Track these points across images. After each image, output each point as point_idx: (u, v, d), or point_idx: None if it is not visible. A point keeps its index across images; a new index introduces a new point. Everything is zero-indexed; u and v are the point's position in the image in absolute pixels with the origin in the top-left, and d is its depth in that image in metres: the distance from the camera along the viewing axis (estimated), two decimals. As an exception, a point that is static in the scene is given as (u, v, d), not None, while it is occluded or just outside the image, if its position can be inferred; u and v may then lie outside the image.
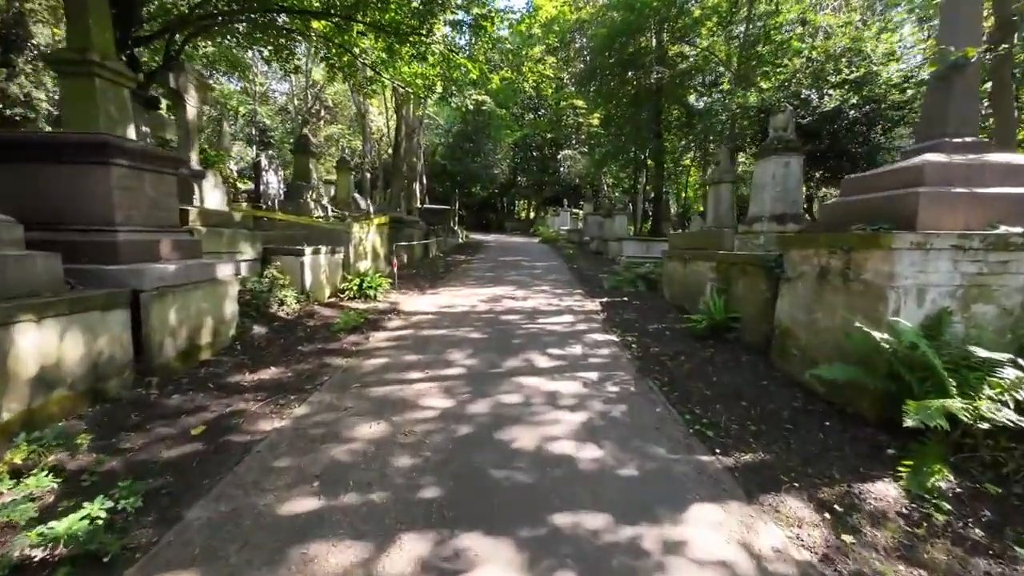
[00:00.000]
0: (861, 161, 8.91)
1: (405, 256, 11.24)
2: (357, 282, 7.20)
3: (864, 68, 8.88)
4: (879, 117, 8.66)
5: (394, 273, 8.31)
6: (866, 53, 9.13)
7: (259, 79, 39.25)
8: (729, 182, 9.88)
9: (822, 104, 8.89)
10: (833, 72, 9.26)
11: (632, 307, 7.16)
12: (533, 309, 7.08)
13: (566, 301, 7.74)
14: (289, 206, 8.88)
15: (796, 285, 4.03)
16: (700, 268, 6.28)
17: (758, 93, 10.31)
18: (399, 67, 12.46)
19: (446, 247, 16.68)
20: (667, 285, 7.65)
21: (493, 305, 7.31)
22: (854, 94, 8.67)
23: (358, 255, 8.10)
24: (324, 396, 3.64)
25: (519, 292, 8.57)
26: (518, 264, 13.12)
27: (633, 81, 17.74)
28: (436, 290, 8.73)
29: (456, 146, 22.95)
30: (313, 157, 16.08)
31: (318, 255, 6.69)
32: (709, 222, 10.29)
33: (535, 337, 5.48)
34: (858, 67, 8.99)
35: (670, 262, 7.50)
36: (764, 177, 8.71)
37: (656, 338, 5.42)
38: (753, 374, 4.21)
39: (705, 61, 15.62)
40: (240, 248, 5.78)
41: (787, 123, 8.47)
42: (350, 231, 7.71)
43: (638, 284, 8.87)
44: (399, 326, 5.93)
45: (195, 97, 6.73)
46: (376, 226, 8.98)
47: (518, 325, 6.06)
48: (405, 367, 4.36)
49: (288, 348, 4.79)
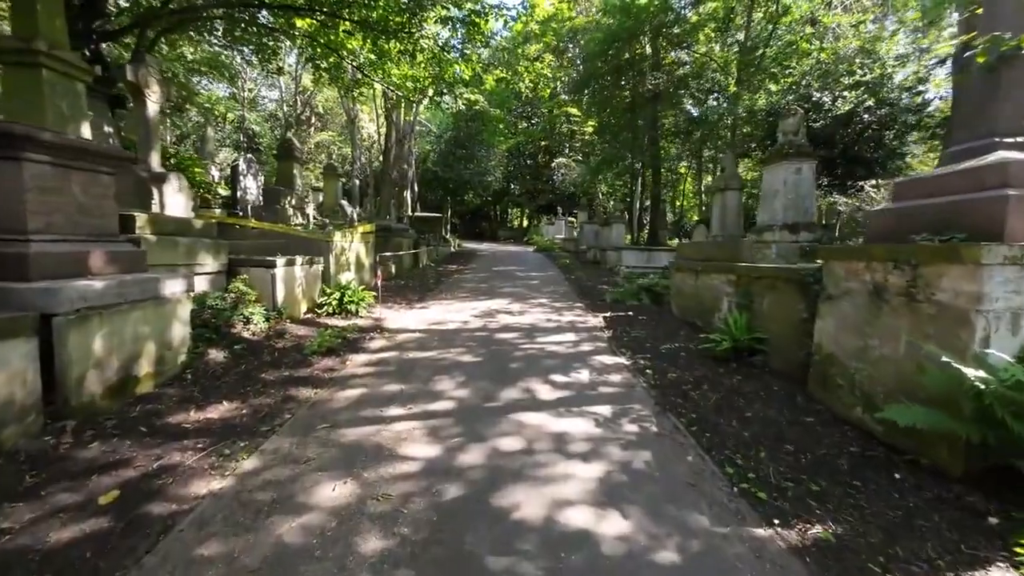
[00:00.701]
0: (876, 167, 8.50)
1: (393, 267, 10.59)
2: (337, 296, 6.55)
3: (879, 70, 8.51)
4: (893, 121, 8.27)
5: (378, 286, 7.65)
6: (878, 55, 8.77)
7: (248, 85, 38.67)
8: (736, 189, 9.42)
9: (835, 107, 8.48)
10: (846, 74, 8.89)
11: (639, 323, 6.58)
12: (531, 326, 6.46)
13: (566, 316, 7.14)
14: (265, 213, 8.21)
15: (841, 304, 3.46)
16: (715, 281, 5.72)
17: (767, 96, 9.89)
18: (388, 69, 11.93)
19: (438, 256, 16.06)
20: (675, 299, 7.09)
21: (487, 321, 6.69)
22: (870, 96, 8.28)
23: (340, 266, 7.45)
24: (282, 442, 2.98)
25: (515, 306, 7.96)
26: (513, 275, 12.53)
27: (628, 87, 17.40)
28: (425, 304, 8.09)
29: (448, 153, 22.41)
30: (298, 163, 15.42)
31: (292, 267, 6.03)
32: (715, 231, 9.80)
33: (535, 360, 4.86)
34: (872, 68, 8.61)
35: (678, 274, 6.95)
36: (774, 184, 8.24)
37: (671, 361, 4.82)
38: (790, 408, 3.63)
39: (703, 67, 15.31)
40: (200, 260, 5.11)
41: (798, 127, 8.02)
42: (330, 240, 7.06)
43: (642, 297, 8.31)
44: (382, 347, 5.27)
45: (157, 93, 6.09)
46: (360, 235, 8.35)
47: (515, 345, 5.43)
48: (384, 400, 3.71)
49: (249, 376, 4.12)
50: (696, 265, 6.31)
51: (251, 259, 5.75)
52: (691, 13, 15.45)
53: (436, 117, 31.08)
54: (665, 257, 12.76)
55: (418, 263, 13.09)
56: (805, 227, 7.80)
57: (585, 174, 23.25)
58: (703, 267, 6.07)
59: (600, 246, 15.09)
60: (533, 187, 33.05)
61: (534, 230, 32.25)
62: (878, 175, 8.36)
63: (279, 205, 8.37)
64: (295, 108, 38.59)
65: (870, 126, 8.24)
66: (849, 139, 8.25)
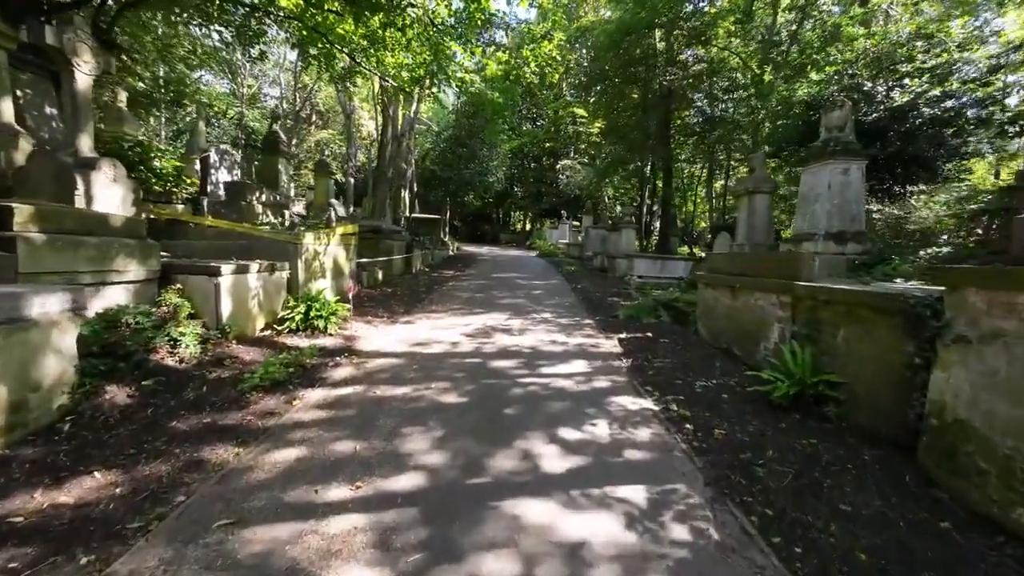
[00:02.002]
0: (933, 170, 7.42)
1: (380, 272, 9.55)
2: (302, 310, 5.49)
3: (946, 55, 7.41)
4: (957, 116, 7.20)
5: (350, 297, 6.59)
6: (940, 39, 7.67)
7: (248, 81, 37.95)
8: (766, 192, 8.37)
9: (890, 99, 7.40)
10: (904, 59, 7.78)
11: (661, 348, 5.50)
12: (533, 350, 5.39)
13: (575, 337, 6.07)
14: (225, 210, 7.18)
15: (984, 353, 2.39)
16: (760, 302, 4.65)
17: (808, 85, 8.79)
18: (381, 56, 10.95)
19: (433, 261, 15.03)
20: (704, 319, 6.02)
21: (481, 343, 5.62)
22: (934, 86, 7.19)
23: (311, 273, 6.40)
24: (146, 558, 1.92)
25: (515, 322, 6.89)
26: (513, 283, 11.47)
27: (639, 85, 16.40)
28: (412, 317, 7.03)
29: (448, 151, 21.34)
30: (284, 157, 14.46)
31: (245, 274, 4.99)
32: (740, 239, 8.74)
33: (537, 402, 3.79)
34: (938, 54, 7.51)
35: (708, 290, 5.88)
36: (816, 187, 7.18)
37: (713, 407, 3.74)
38: (901, 495, 2.55)
39: (721, 63, 14.29)
40: (118, 265, 4.07)
41: (845, 121, 6.96)
42: (299, 243, 6.02)
43: (660, 314, 7.23)
44: (345, 379, 4.21)
45: (89, 63, 5.08)
46: (340, 237, 7.31)
47: (513, 378, 4.36)
48: (327, 471, 2.65)
49: (153, 426, 3.06)
50: (732, 280, 5.24)
51: (191, 265, 4.71)
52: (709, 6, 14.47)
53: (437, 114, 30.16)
54: (681, 266, 11.69)
55: (411, 268, 12.06)
56: (854, 237, 6.74)
57: (591, 176, 22.22)
58: (742, 283, 5.00)
59: (608, 253, 14.03)
60: (537, 189, 32.04)
61: (537, 234, 31.22)
62: (934, 179, 7.27)
63: (245, 201, 7.34)
64: (295, 105, 37.83)
65: (931, 121, 7.13)
66: (905, 136, 7.16)
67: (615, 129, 18.97)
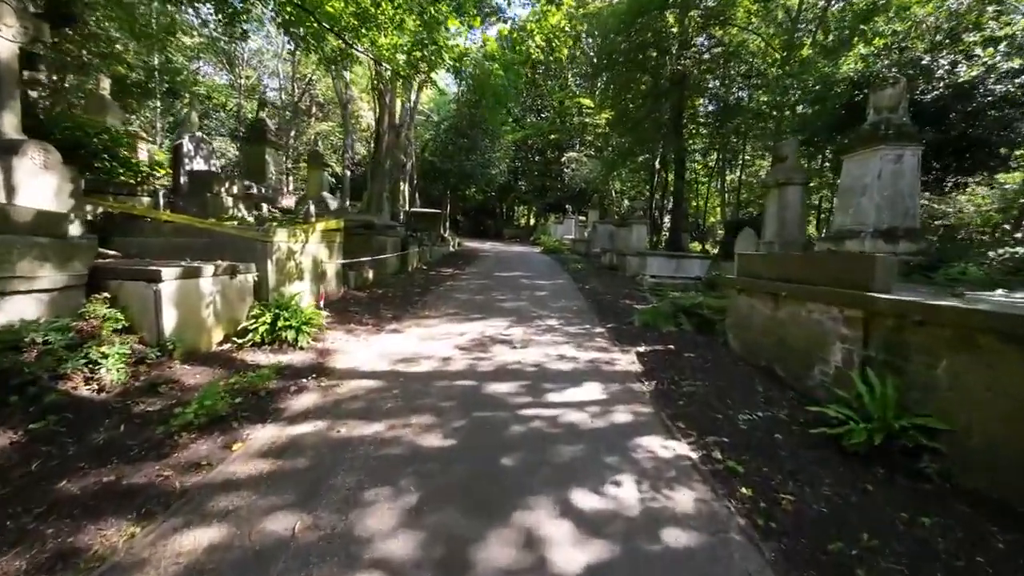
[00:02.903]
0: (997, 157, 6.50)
1: (371, 273, 8.77)
2: (268, 319, 4.72)
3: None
4: (1030, 95, 6.27)
5: (322, 305, 5.82)
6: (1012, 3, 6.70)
7: (246, 72, 37.21)
8: (799, 183, 7.49)
9: (954, 74, 6.45)
10: (972, 27, 6.80)
11: (688, 366, 4.68)
12: (537, 368, 4.60)
13: (586, 351, 5.26)
14: (186, 203, 6.39)
15: None
16: (815, 315, 3.82)
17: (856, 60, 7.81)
18: (373, 36, 10.12)
19: (432, 257, 14.24)
20: (736, 330, 5.20)
21: (477, 358, 4.83)
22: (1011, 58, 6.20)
23: (286, 275, 5.63)
24: None
25: (516, 330, 6.09)
26: (516, 283, 10.65)
27: (651, 70, 15.44)
28: (401, 324, 6.24)
29: (448, 142, 20.41)
30: (272, 147, 13.68)
31: (196, 278, 4.22)
32: (769, 236, 7.88)
33: (543, 447, 3.00)
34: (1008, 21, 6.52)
35: (742, 297, 5.05)
36: (862, 177, 6.29)
37: (769, 457, 2.93)
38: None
39: (741, 46, 13.30)
40: (23, 270, 3.30)
41: (898, 101, 6.05)
42: (269, 240, 5.24)
43: (681, 321, 6.41)
44: (307, 411, 3.43)
45: (12, 27, 4.29)
46: (321, 233, 6.52)
47: (513, 409, 3.57)
48: (248, 569, 1.87)
49: (31, 488, 2.30)
50: (774, 287, 4.41)
51: (127, 268, 3.93)
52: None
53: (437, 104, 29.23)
54: (698, 265, 10.82)
55: (406, 266, 11.28)
56: (906, 234, 5.87)
57: (599, 168, 21.30)
58: (790, 291, 4.17)
59: (618, 250, 13.17)
60: (541, 183, 31.12)
61: (541, 229, 30.34)
62: (996, 168, 6.36)
63: (211, 193, 6.55)
64: (293, 96, 36.99)
65: (1002, 100, 6.14)
66: (969, 117, 6.22)
67: (624, 119, 18.00)
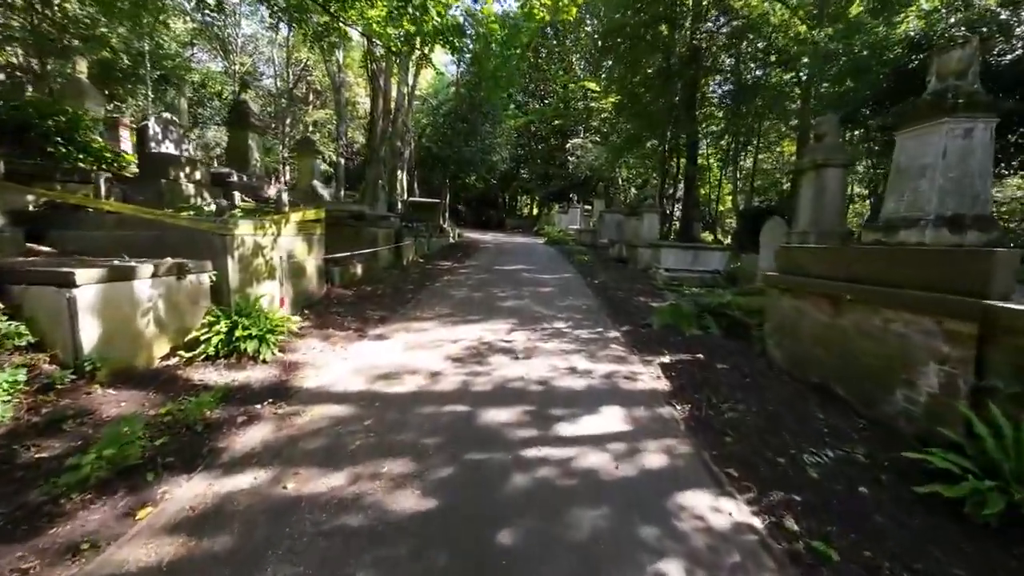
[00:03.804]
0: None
1: (359, 268, 8.00)
2: (224, 327, 3.96)
3: None
4: None
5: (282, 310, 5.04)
6: None
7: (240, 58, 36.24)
8: (839, 165, 6.62)
9: None
10: None
11: (724, 382, 3.91)
12: (544, 386, 3.83)
13: (601, 362, 4.48)
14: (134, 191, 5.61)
15: None
16: (895, 326, 3.03)
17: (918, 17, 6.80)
18: (362, 7, 9.25)
19: (430, 250, 13.45)
20: (778, 337, 4.41)
21: (471, 373, 4.06)
22: None
23: (252, 273, 4.86)
24: None
25: (519, 335, 5.32)
26: (519, 277, 9.86)
27: (662, 47, 14.44)
28: (388, 328, 5.48)
29: (447, 126, 19.41)
30: (255, 132, 12.85)
31: (129, 280, 3.46)
32: (803, 225, 7.02)
33: (554, 510, 2.24)
34: None
35: (786, 299, 4.25)
36: (921, 156, 5.40)
37: (861, 526, 2.15)
38: None
39: (762, 18, 12.27)
40: None
41: (969, 64, 5.13)
42: (229, 233, 4.46)
43: (707, 323, 5.63)
44: (251, 453, 2.68)
45: None
46: (297, 225, 5.74)
47: (514, 450, 2.81)
48: None
49: None
50: (833, 287, 3.61)
51: (31, 270, 3.17)
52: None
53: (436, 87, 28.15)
54: (716, 258, 9.98)
55: (401, 259, 10.50)
56: (975, 223, 5.02)
57: (605, 154, 20.33)
58: (858, 294, 3.37)
59: (627, 241, 12.32)
60: (544, 171, 30.09)
61: (545, 219, 29.43)
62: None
63: (167, 179, 5.75)
64: (288, 83, 35.97)
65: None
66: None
67: (632, 102, 17.00)
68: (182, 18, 29.82)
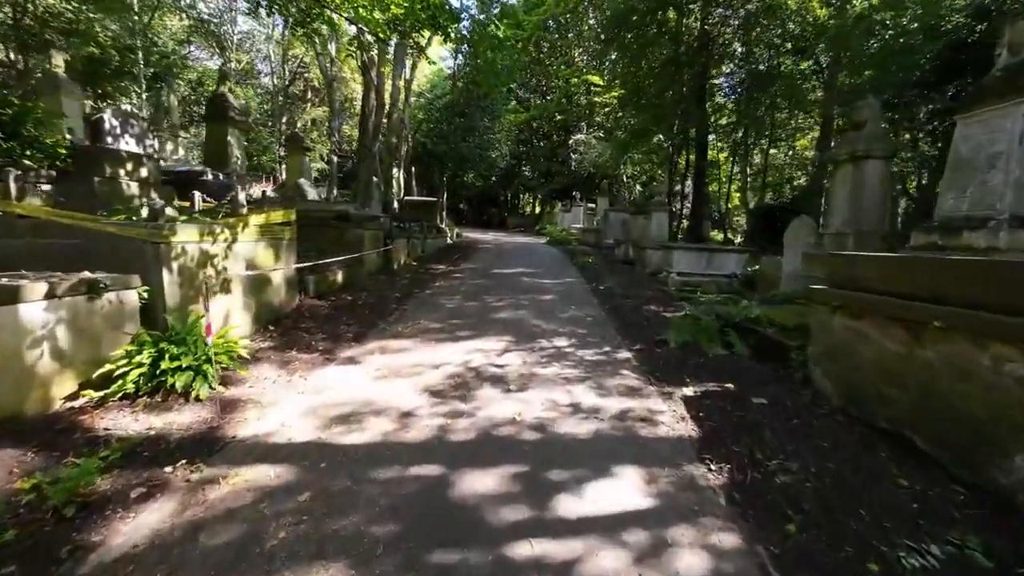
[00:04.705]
0: None
1: (340, 275, 7.26)
2: (146, 358, 3.22)
3: None
4: None
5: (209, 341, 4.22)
6: None
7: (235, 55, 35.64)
8: (881, 157, 5.79)
9: None
10: None
11: (767, 425, 3.13)
12: (540, 432, 3.06)
13: (611, 395, 3.71)
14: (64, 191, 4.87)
15: None
16: (1012, 367, 2.24)
17: None
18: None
19: (425, 251, 12.71)
20: (827, 364, 3.63)
21: (452, 414, 3.30)
22: None
23: (196, 288, 4.11)
24: None
25: (513, 358, 4.55)
26: (517, 283, 9.09)
27: (670, 34, 13.62)
28: (361, 348, 4.73)
29: (443, 121, 18.60)
30: (236, 128, 12.14)
31: (11, 305, 2.72)
32: (836, 225, 6.21)
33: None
34: None
35: (839, 318, 3.46)
36: (989, 144, 4.55)
37: None
38: None
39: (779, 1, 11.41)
40: None
41: (1050, 33, 4.36)
42: (164, 241, 3.72)
43: (732, 340, 4.84)
44: (129, 556, 1.92)
45: None
46: (259, 228, 4.99)
47: (497, 545, 2.04)
48: None
49: None
50: (914, 311, 2.82)
51: None
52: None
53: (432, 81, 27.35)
54: (733, 260, 9.17)
55: (391, 263, 9.75)
56: (1060, 223, 4.21)
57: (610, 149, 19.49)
58: (952, 319, 2.58)
59: (635, 241, 11.53)
60: (546, 168, 29.26)
61: (547, 218, 28.63)
62: None
63: (100, 177, 5.01)
64: (284, 80, 35.30)
65: None
66: None
67: (638, 94, 16.16)
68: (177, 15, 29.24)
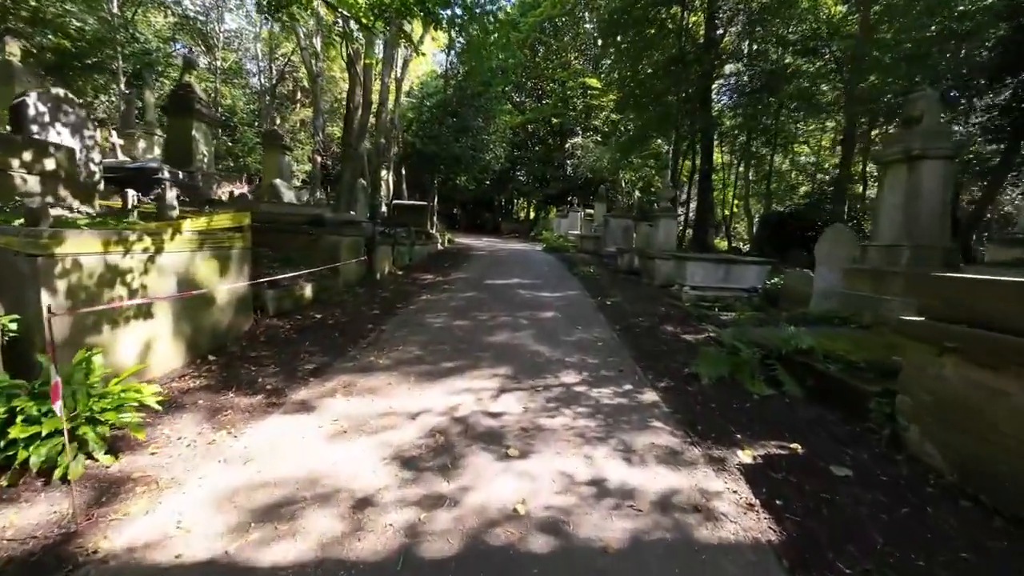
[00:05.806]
0: None
1: (308, 289, 6.29)
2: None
3: None
4: None
5: (56, 407, 3.11)
6: None
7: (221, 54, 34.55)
8: (942, 157, 4.97)
9: None
10: None
11: (867, 516, 2.24)
12: (553, 538, 2.13)
13: (643, 466, 2.79)
14: None
15: None
16: None
17: None
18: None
19: (413, 259, 11.75)
20: (931, 422, 2.75)
21: (426, 502, 2.35)
22: None
23: (101, 315, 3.14)
24: None
25: (512, 404, 3.61)
26: (514, 297, 8.16)
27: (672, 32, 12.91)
28: (317, 389, 3.76)
29: (434, 120, 17.71)
30: (201, 121, 11.15)
31: None
32: (886, 236, 5.35)
33: None
34: None
35: (952, 365, 2.58)
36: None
37: None
38: None
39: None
40: None
41: None
42: (43, 253, 2.76)
43: (780, 377, 3.95)
44: None
45: None
46: (199, 235, 4.03)
47: None
48: None
49: None
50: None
51: None
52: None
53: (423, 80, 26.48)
54: (753, 273, 8.32)
55: (374, 273, 8.79)
56: None
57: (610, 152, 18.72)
58: None
59: (640, 250, 10.68)
60: (542, 173, 28.48)
61: (543, 223, 27.77)
62: None
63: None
64: (271, 79, 34.30)
65: None
66: None
67: (639, 96, 15.42)
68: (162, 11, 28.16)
